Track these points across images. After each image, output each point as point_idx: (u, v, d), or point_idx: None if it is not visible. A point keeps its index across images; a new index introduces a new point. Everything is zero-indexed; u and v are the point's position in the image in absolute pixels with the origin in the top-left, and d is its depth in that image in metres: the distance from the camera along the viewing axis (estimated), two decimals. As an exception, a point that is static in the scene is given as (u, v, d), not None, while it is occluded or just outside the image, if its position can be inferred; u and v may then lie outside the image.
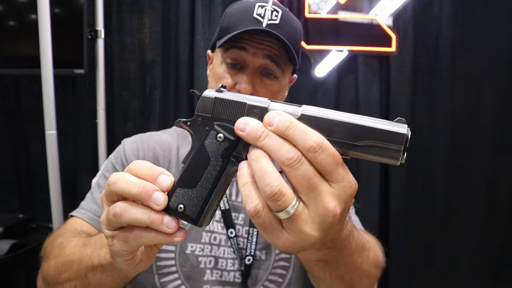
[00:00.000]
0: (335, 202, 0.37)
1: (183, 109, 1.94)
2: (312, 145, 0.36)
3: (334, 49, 1.93)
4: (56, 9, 1.73)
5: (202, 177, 0.42)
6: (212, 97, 0.43)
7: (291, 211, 0.37)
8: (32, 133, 1.91)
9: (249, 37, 0.78)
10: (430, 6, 1.95)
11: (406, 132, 0.38)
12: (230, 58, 0.81)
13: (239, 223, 0.85)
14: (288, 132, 0.37)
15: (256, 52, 0.79)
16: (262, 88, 0.80)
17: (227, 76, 0.81)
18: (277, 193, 0.36)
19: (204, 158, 0.42)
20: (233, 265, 0.83)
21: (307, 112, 0.40)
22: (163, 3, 1.92)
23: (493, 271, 2.04)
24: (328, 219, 0.37)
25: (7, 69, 1.85)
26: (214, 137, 0.42)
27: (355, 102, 1.98)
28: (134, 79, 1.96)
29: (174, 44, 1.93)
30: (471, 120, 1.99)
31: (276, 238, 0.39)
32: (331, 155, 0.37)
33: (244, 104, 0.42)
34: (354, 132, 0.38)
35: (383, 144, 0.38)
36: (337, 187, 0.37)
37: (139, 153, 0.88)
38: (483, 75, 1.97)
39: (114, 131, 1.96)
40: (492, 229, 2.02)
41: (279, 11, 0.79)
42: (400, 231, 1.97)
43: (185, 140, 0.92)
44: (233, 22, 0.79)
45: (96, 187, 0.86)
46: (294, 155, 0.36)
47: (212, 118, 0.43)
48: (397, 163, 0.39)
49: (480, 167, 2.00)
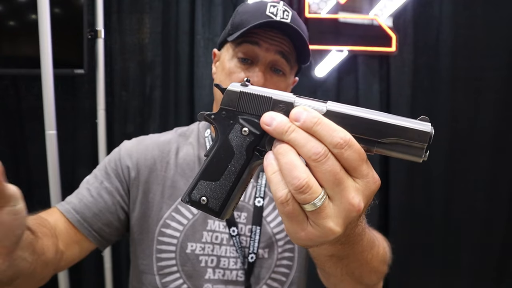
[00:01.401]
0: (359, 197, 0.38)
1: (183, 109, 1.94)
2: (339, 141, 0.37)
3: (334, 49, 1.93)
4: (56, 9, 1.72)
5: (225, 170, 0.42)
6: (237, 91, 0.43)
7: (318, 204, 0.37)
8: (32, 133, 1.91)
9: (263, 32, 0.80)
10: (430, 6, 1.95)
11: (430, 130, 0.38)
12: (242, 53, 0.81)
13: (241, 222, 0.85)
14: (315, 128, 0.38)
15: (269, 47, 0.80)
16: (271, 84, 0.81)
17: (239, 71, 0.81)
18: (305, 186, 0.37)
19: (228, 151, 0.42)
20: (236, 263, 0.83)
21: (333, 108, 0.40)
22: (163, 3, 1.92)
23: (493, 271, 2.04)
24: (352, 214, 0.38)
25: (7, 69, 1.85)
26: (238, 131, 0.42)
27: (355, 102, 1.98)
28: (134, 79, 1.96)
29: (174, 44, 1.93)
30: (471, 120, 1.99)
31: (301, 229, 0.39)
32: (357, 151, 0.38)
33: (269, 98, 0.42)
34: (379, 129, 0.39)
35: (407, 142, 0.38)
36: (361, 182, 0.38)
37: (134, 156, 0.88)
38: (483, 75, 1.97)
39: (114, 131, 1.96)
40: (492, 229, 2.02)
41: (290, 12, 0.81)
42: (400, 231, 1.97)
43: (186, 140, 0.92)
44: (245, 18, 0.80)
45: (84, 182, 0.87)
46: (321, 150, 0.37)
47: (237, 112, 0.43)
48: (420, 160, 0.39)
49: (480, 167, 2.00)
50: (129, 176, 0.85)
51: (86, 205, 0.82)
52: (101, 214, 0.82)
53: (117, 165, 0.86)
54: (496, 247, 2.03)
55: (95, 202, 0.82)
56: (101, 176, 0.86)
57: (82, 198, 0.82)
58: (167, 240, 0.83)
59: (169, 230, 0.83)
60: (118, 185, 0.85)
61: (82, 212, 0.81)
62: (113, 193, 0.84)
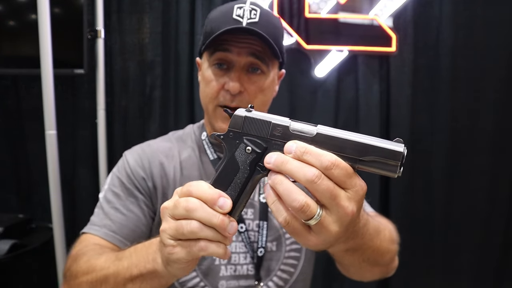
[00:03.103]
0: (352, 204, 0.45)
1: (183, 109, 1.94)
2: (327, 164, 0.43)
3: (334, 49, 1.93)
4: (56, 9, 1.72)
5: (232, 182, 0.50)
6: (242, 116, 0.50)
7: (318, 218, 0.44)
8: (32, 133, 1.91)
9: (232, 38, 0.80)
10: (430, 6, 1.95)
11: (402, 150, 0.45)
12: (216, 60, 0.83)
13: (248, 218, 0.88)
14: (305, 156, 0.44)
15: (240, 51, 0.81)
16: (250, 85, 0.83)
17: (215, 79, 0.83)
18: (304, 205, 0.43)
19: (234, 167, 0.50)
20: (245, 258, 0.86)
21: (322, 131, 0.47)
22: (163, 3, 1.92)
23: (493, 271, 2.04)
24: (347, 218, 0.45)
25: (7, 69, 1.85)
26: (243, 149, 0.50)
27: (355, 102, 1.98)
28: (134, 79, 1.96)
29: (174, 44, 1.93)
30: (471, 120, 1.99)
31: (307, 241, 0.47)
32: (344, 168, 0.44)
33: (269, 122, 0.49)
34: (360, 149, 0.46)
35: (383, 160, 0.45)
36: (351, 192, 0.45)
37: (143, 163, 0.88)
38: (483, 75, 1.98)
39: (114, 131, 1.96)
40: (492, 229, 2.02)
41: (258, 10, 0.82)
42: (400, 231, 1.97)
43: (185, 144, 0.93)
44: (215, 25, 0.82)
45: (105, 202, 0.86)
46: (315, 172, 0.43)
47: (242, 133, 0.50)
48: (395, 176, 0.46)
49: (480, 167, 2.00)
50: (147, 186, 0.86)
51: (121, 224, 0.82)
52: (137, 229, 0.83)
53: (131, 179, 0.86)
54: (496, 247, 2.03)
55: (127, 219, 0.83)
56: (122, 192, 0.86)
57: (115, 219, 0.82)
58: None
59: None
60: (142, 197, 0.86)
61: (121, 231, 0.81)
62: (141, 205, 0.85)
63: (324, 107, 1.98)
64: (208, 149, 0.91)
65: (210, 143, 0.91)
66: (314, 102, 1.99)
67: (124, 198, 0.85)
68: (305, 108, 1.98)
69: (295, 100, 1.97)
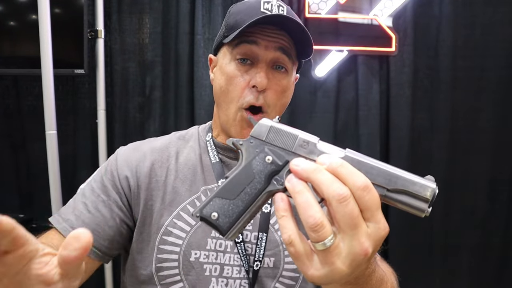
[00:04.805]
0: (369, 242, 0.40)
1: (183, 109, 1.94)
2: (361, 185, 0.39)
3: (334, 49, 1.93)
4: (56, 9, 1.73)
5: (242, 191, 0.46)
6: (268, 125, 0.48)
7: (328, 244, 0.39)
8: (32, 133, 1.91)
9: (259, 30, 0.77)
10: (430, 6, 1.95)
11: (434, 187, 0.42)
12: (240, 54, 0.78)
13: (247, 228, 0.82)
14: (340, 170, 0.40)
15: (268, 44, 0.77)
16: (275, 83, 0.79)
17: (239, 75, 0.78)
18: (319, 225, 0.39)
19: (248, 175, 0.46)
20: (239, 272, 0.79)
21: (350, 154, 0.44)
22: (163, 3, 1.92)
23: (493, 271, 2.04)
24: (360, 257, 0.40)
25: (7, 69, 1.85)
26: (262, 159, 0.47)
27: (355, 102, 1.98)
28: (134, 79, 1.96)
29: (174, 44, 1.94)
30: (471, 120, 1.99)
31: (307, 268, 0.41)
32: (375, 196, 0.40)
33: (296, 136, 0.47)
34: (389, 178, 0.43)
35: (413, 193, 0.42)
36: (373, 228, 0.40)
37: (131, 161, 0.84)
38: (483, 75, 1.98)
39: (114, 131, 1.96)
40: (492, 229, 2.02)
41: (285, 7, 0.80)
42: (400, 231, 1.97)
43: (186, 144, 0.88)
44: (240, 18, 0.78)
45: (80, 194, 0.83)
46: (346, 191, 0.39)
47: (264, 142, 0.47)
48: (422, 215, 0.43)
49: (480, 167, 2.00)
50: (129, 186, 0.82)
51: (83, 222, 0.78)
52: (100, 229, 0.78)
53: (114, 176, 0.83)
54: (496, 247, 2.03)
55: (92, 217, 0.78)
56: (98, 188, 0.82)
57: (80, 215, 0.79)
58: (169, 248, 0.79)
59: (171, 238, 0.79)
60: (116, 197, 0.81)
61: None
62: (111, 206, 0.80)
63: (324, 107, 1.98)
64: (211, 151, 0.85)
65: (215, 145, 0.86)
66: (314, 102, 1.99)
67: (96, 195, 0.81)
68: (305, 108, 1.98)
69: (295, 100, 1.97)
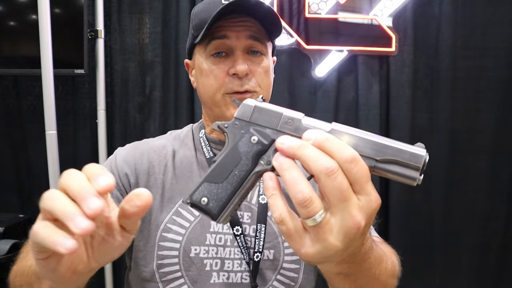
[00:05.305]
0: (361, 215, 0.39)
1: (183, 109, 1.94)
2: (348, 157, 0.39)
3: (334, 49, 1.93)
4: (56, 9, 1.73)
5: (230, 174, 0.46)
6: (252, 105, 0.47)
7: (318, 219, 0.39)
8: (32, 133, 1.91)
9: (226, 23, 0.78)
10: (430, 6, 1.95)
11: (424, 154, 0.41)
12: (213, 50, 0.79)
13: (245, 222, 0.82)
14: (326, 144, 0.40)
15: (238, 35, 0.78)
16: (255, 66, 0.80)
17: (216, 67, 0.79)
18: (308, 200, 0.39)
19: (235, 157, 0.46)
20: (240, 265, 0.80)
21: (337, 127, 0.44)
22: (163, 3, 1.92)
23: (493, 271, 2.04)
24: (353, 231, 0.39)
25: (7, 69, 1.85)
26: (248, 140, 0.46)
27: (355, 102, 1.98)
28: (134, 79, 1.96)
29: (174, 44, 1.94)
30: (471, 120, 1.99)
31: (300, 246, 0.41)
32: (364, 168, 0.39)
33: (280, 114, 0.46)
34: (378, 149, 0.42)
35: (403, 162, 0.41)
36: (364, 200, 0.39)
37: (130, 159, 0.85)
38: (483, 75, 1.98)
39: (114, 131, 1.96)
40: (492, 229, 2.02)
41: None
42: (400, 231, 1.97)
43: (182, 143, 0.90)
44: (204, 16, 0.78)
45: None
46: (333, 164, 0.39)
47: (249, 123, 0.47)
48: (414, 184, 0.42)
49: (479, 167, 2.00)
50: (129, 183, 0.83)
51: None
52: None
53: (114, 174, 0.83)
54: (496, 247, 2.03)
55: None
56: None
57: None
58: (169, 245, 0.80)
59: (170, 234, 0.80)
60: (118, 194, 0.82)
61: None
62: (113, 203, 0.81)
63: (324, 107, 1.98)
64: (205, 146, 0.86)
65: (208, 140, 0.87)
66: (314, 102, 1.99)
67: None
68: (305, 108, 1.98)
69: (295, 100, 1.97)
